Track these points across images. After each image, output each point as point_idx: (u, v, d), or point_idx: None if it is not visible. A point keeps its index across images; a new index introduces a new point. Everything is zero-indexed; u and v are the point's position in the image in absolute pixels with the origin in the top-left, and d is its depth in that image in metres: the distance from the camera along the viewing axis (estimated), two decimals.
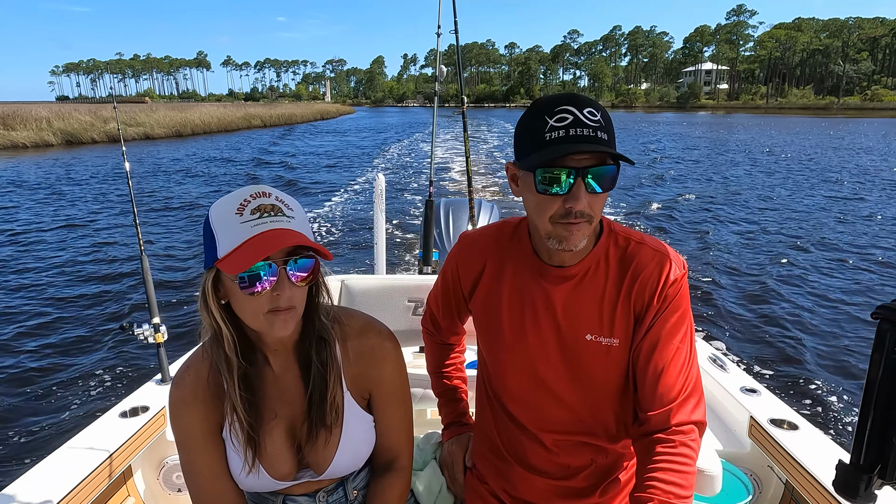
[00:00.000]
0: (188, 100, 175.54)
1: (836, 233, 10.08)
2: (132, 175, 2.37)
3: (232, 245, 0.92)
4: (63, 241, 9.41)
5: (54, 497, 1.47)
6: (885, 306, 0.66)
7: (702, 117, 71.33)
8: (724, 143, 30.78)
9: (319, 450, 1.10)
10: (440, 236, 3.65)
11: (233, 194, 0.97)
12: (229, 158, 22.87)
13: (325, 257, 0.98)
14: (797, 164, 20.83)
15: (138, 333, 2.07)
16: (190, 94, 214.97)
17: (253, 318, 0.97)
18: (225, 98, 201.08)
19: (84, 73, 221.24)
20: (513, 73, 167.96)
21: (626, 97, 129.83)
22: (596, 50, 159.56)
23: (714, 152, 25.35)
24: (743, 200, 13.20)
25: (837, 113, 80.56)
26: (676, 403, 1.09)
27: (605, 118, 1.01)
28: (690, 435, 1.09)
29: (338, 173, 18.43)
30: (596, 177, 1.01)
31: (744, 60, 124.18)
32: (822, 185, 15.78)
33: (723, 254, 8.63)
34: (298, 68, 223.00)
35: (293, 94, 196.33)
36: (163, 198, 13.67)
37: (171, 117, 35.07)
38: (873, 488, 0.69)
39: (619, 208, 11.90)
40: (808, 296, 6.83)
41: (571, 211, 1.02)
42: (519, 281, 1.20)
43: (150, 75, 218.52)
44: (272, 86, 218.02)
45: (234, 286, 0.94)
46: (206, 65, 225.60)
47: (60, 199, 13.43)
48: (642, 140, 32.04)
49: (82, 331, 5.72)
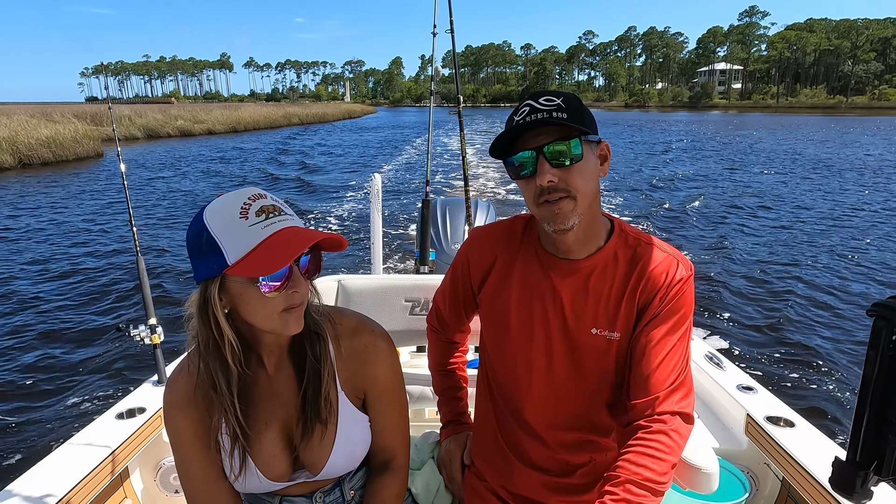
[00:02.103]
0: (212, 100, 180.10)
1: (833, 230, 10.14)
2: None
3: (244, 249, 0.90)
4: (76, 241, 9.50)
5: (52, 498, 1.46)
6: (881, 303, 0.66)
7: (714, 116, 72.74)
8: (732, 141, 31.03)
9: (314, 449, 1.10)
10: (437, 236, 3.65)
11: (225, 200, 0.94)
12: (287, 150, 27.08)
13: (341, 246, 0.98)
14: (797, 160, 21.29)
15: (135, 335, 2.04)
16: (213, 94, 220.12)
17: (267, 320, 0.96)
18: (247, 98, 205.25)
19: (112, 75, 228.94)
20: (529, 73, 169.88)
21: (640, 97, 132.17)
22: (611, 50, 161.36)
23: (719, 151, 25.74)
24: (742, 200, 13.20)
25: (845, 112, 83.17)
26: (663, 394, 1.10)
27: (567, 101, 1.07)
28: (671, 423, 1.09)
29: (382, 157, 22.08)
30: (556, 151, 1.06)
31: (755, 61, 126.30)
32: (821, 181, 15.94)
33: (720, 251, 8.70)
34: (318, 69, 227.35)
35: (313, 95, 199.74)
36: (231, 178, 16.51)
37: (228, 116, 40.36)
38: (869, 485, 0.70)
39: (630, 209, 12.04)
40: (804, 293, 6.85)
41: (543, 188, 1.08)
42: (528, 274, 1.22)
43: (175, 77, 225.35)
44: (293, 86, 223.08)
45: (245, 291, 0.93)
46: (229, 66, 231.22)
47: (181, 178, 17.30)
48: (654, 138, 32.82)
49: (79, 332, 5.69)
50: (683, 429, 1.12)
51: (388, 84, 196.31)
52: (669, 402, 1.11)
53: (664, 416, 1.10)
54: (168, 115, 35.40)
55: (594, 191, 1.12)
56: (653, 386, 1.11)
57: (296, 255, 0.91)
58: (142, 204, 12.71)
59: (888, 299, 0.66)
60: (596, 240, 1.18)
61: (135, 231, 2.28)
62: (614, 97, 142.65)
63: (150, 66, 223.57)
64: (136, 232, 2.28)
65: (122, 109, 35.46)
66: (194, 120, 36.91)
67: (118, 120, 32.01)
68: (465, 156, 3.36)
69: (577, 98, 1.11)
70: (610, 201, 12.97)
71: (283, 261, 0.90)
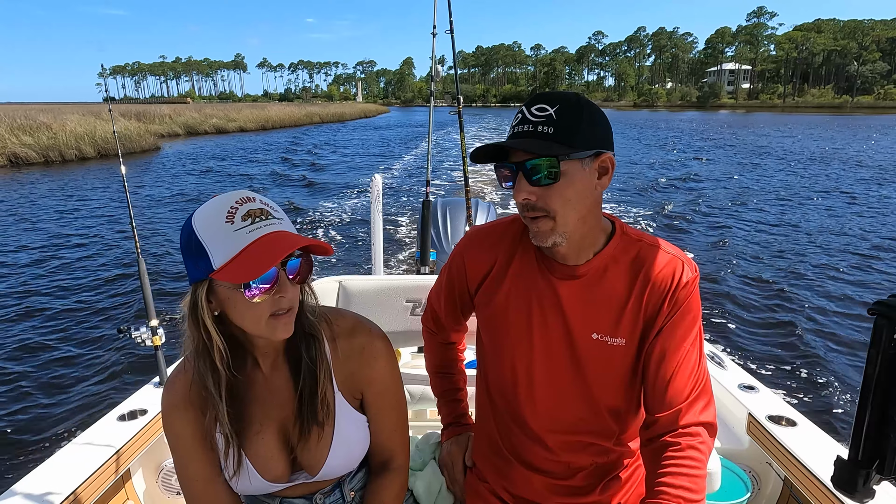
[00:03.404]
0: (226, 100, 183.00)
1: (833, 229, 10.20)
2: (127, 178, 2.43)
3: (229, 254, 0.90)
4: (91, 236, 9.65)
5: (54, 499, 1.46)
6: (882, 302, 0.66)
7: (722, 116, 74.10)
8: (739, 141, 31.26)
9: (312, 450, 1.10)
10: (437, 236, 3.63)
11: (214, 203, 0.95)
12: (325, 143, 29.92)
13: (327, 252, 0.98)
14: (797, 158, 21.78)
15: (136, 336, 2.05)
16: (227, 94, 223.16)
17: (254, 325, 0.96)
18: (261, 99, 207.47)
19: (129, 75, 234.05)
20: (539, 73, 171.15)
21: (648, 97, 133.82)
22: (621, 51, 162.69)
23: (724, 150, 26.00)
24: (742, 199, 13.32)
25: (850, 111, 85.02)
26: (685, 405, 1.09)
27: (561, 112, 1.01)
28: (698, 437, 1.08)
29: (403, 149, 24.23)
30: (533, 169, 1.02)
31: (762, 61, 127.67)
32: (820, 180, 16.14)
33: (720, 251, 8.76)
34: (330, 69, 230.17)
35: (325, 95, 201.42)
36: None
37: (257, 115, 43.93)
38: (871, 483, 0.70)
39: (635, 208, 12.10)
40: (805, 292, 6.83)
41: (522, 204, 1.06)
42: (526, 276, 1.19)
43: (191, 77, 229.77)
44: (306, 87, 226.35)
45: (232, 295, 0.93)
46: (243, 67, 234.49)
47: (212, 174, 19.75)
48: (660, 139, 32.94)
49: (80, 334, 5.70)
50: (709, 439, 1.11)
51: (400, 84, 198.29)
52: (692, 413, 1.10)
53: (689, 428, 1.09)
54: (203, 114, 38.92)
55: (580, 211, 1.06)
56: (673, 398, 1.10)
57: (276, 261, 0.90)
58: (198, 194, 14.42)
59: (889, 298, 0.66)
60: (593, 246, 1.14)
61: (136, 233, 2.29)
62: (623, 97, 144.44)
63: (165, 67, 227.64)
64: (138, 233, 2.28)
65: (162, 109, 38.45)
66: (227, 118, 40.39)
67: (160, 118, 34.85)
68: (465, 156, 3.31)
69: (577, 105, 1.03)
70: (610, 201, 13.12)
71: (264, 267, 0.89)
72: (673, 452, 1.08)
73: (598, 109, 1.06)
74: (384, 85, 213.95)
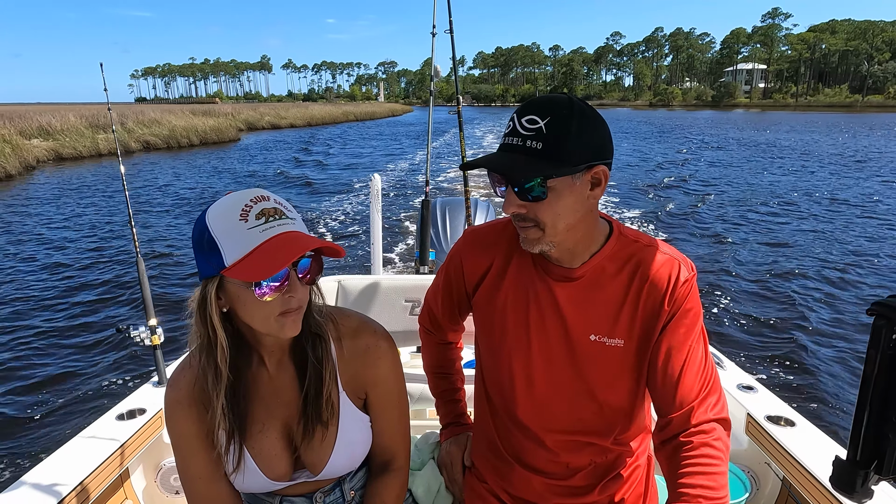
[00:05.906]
0: (252, 100, 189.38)
1: (832, 229, 10.21)
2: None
3: (242, 252, 0.91)
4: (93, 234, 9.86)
5: (52, 499, 1.46)
6: (881, 302, 0.66)
7: (736, 114, 76.19)
8: (749, 140, 31.66)
9: (315, 449, 1.11)
10: (437, 236, 3.64)
11: (229, 200, 0.95)
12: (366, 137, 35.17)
13: (339, 255, 0.98)
14: (798, 156, 22.43)
15: (135, 336, 2.05)
16: (253, 95, 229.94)
17: (263, 323, 0.97)
18: (285, 99, 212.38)
19: (160, 77, 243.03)
20: (557, 73, 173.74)
21: (664, 96, 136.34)
22: (639, 51, 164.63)
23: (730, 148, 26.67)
24: (742, 199, 13.35)
25: (860, 110, 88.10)
26: (696, 402, 1.09)
27: (551, 125, 0.98)
28: (713, 434, 1.08)
29: (433, 137, 27.93)
30: (522, 184, 1.02)
31: (776, 61, 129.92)
32: (822, 180, 16.32)
33: (719, 251, 8.80)
34: (352, 70, 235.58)
35: (347, 95, 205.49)
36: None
37: (303, 113, 50.56)
38: (870, 484, 0.70)
39: (634, 209, 12.13)
40: (804, 292, 6.83)
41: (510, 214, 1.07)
42: (524, 277, 1.20)
43: (218, 78, 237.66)
44: (329, 87, 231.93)
45: (242, 292, 0.94)
46: (269, 68, 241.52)
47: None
48: (667, 139, 33.18)
49: (78, 334, 5.70)
50: (725, 435, 1.10)
51: (420, 84, 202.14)
52: (704, 410, 1.09)
53: (702, 425, 1.09)
54: (258, 112, 45.43)
55: (570, 222, 1.06)
56: (684, 397, 1.10)
57: (288, 262, 0.91)
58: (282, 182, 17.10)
59: (888, 298, 0.66)
60: (589, 249, 1.14)
61: (134, 232, 2.30)
62: (640, 96, 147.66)
63: (194, 68, 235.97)
64: (137, 233, 2.31)
65: (223, 107, 44.73)
66: (279, 116, 46.91)
67: (225, 115, 40.16)
68: (464, 156, 3.34)
69: (569, 116, 0.99)
70: (611, 200, 13.25)
71: (276, 267, 0.90)
72: (688, 452, 1.07)
73: (592, 115, 1.02)
74: (405, 85, 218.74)
